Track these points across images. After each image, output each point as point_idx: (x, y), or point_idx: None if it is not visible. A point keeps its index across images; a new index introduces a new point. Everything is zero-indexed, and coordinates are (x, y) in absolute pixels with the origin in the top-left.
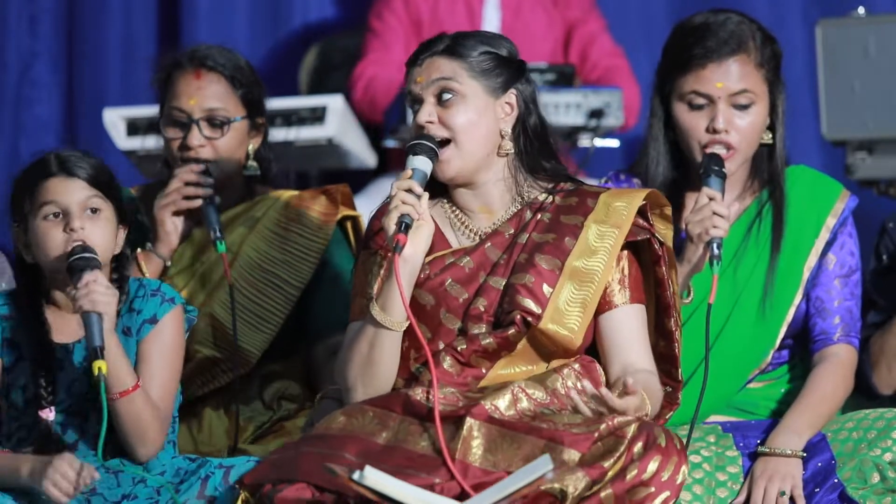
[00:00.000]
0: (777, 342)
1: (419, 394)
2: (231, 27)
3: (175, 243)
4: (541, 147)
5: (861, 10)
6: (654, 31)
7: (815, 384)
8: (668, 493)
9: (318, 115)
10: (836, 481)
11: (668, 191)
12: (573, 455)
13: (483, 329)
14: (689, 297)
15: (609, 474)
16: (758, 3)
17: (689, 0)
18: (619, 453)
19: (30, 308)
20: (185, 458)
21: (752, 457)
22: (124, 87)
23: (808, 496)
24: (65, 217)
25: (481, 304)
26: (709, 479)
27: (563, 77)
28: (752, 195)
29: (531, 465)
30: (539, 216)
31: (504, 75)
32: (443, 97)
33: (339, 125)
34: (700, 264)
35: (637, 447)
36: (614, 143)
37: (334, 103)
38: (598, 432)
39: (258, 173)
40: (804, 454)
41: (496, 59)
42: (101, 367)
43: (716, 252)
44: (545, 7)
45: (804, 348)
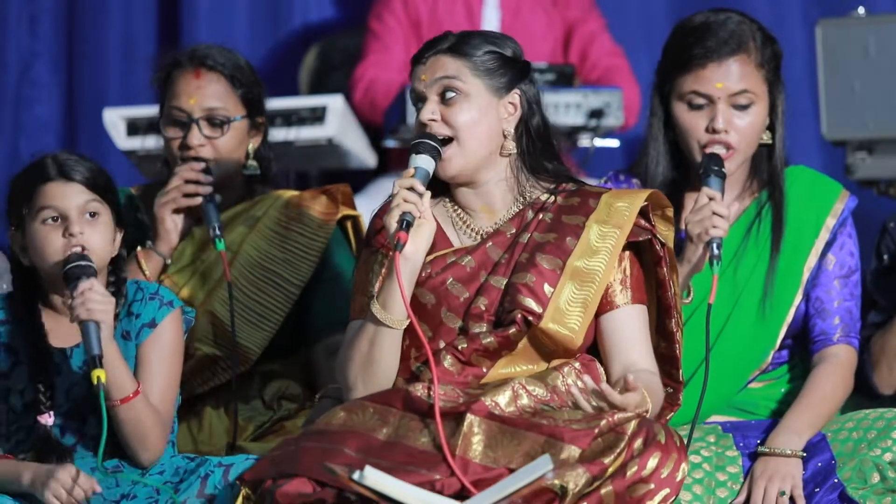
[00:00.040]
0: (777, 343)
1: (419, 390)
2: (231, 27)
3: (175, 241)
4: (543, 148)
5: (861, 10)
6: (654, 31)
7: (815, 384)
8: (667, 491)
9: (318, 115)
10: (836, 481)
11: (668, 191)
12: (573, 451)
13: (484, 328)
14: (690, 298)
15: (609, 471)
16: (758, 3)
17: (689, 0)
18: (619, 450)
19: (26, 312)
20: (183, 458)
21: (752, 457)
22: (124, 87)
23: (808, 496)
24: (63, 221)
25: (482, 304)
26: (709, 479)
27: (563, 77)
28: (752, 195)
29: (531, 465)
30: (541, 216)
31: (508, 75)
32: (446, 95)
33: (339, 125)
34: (700, 264)
35: (637, 443)
36: (614, 143)
37: (334, 103)
38: (598, 428)
39: (258, 173)
40: (804, 454)
41: (501, 59)
42: (101, 375)
43: (716, 252)
44: (544, 7)
45: (804, 348)
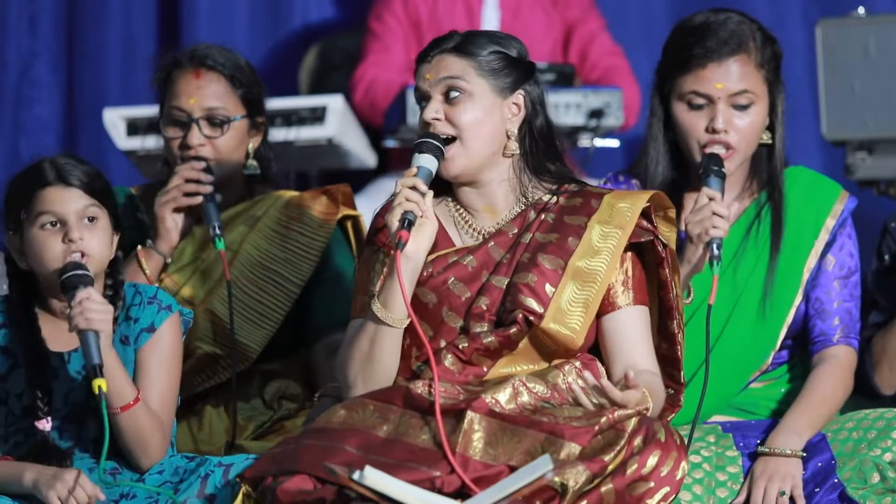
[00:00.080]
0: (778, 343)
1: (420, 387)
2: (231, 27)
3: (175, 240)
4: (546, 149)
5: (861, 10)
6: (654, 31)
7: (815, 385)
8: (667, 489)
9: (318, 115)
10: (836, 481)
11: (668, 191)
12: (573, 449)
13: (485, 328)
14: (690, 298)
15: (609, 468)
16: (758, 3)
17: (689, 0)
18: (619, 447)
19: (24, 316)
20: (182, 457)
21: (752, 457)
22: (124, 87)
23: (808, 496)
24: (62, 227)
25: (483, 303)
26: (709, 479)
27: (563, 77)
28: (751, 196)
29: (531, 465)
30: (543, 216)
31: (513, 76)
32: (450, 95)
33: (339, 125)
34: (700, 265)
35: (637, 441)
36: (614, 143)
37: (334, 103)
38: (598, 425)
39: (258, 172)
40: (804, 454)
41: (505, 60)
42: (101, 385)
43: (716, 252)
44: (544, 7)
45: (804, 349)
